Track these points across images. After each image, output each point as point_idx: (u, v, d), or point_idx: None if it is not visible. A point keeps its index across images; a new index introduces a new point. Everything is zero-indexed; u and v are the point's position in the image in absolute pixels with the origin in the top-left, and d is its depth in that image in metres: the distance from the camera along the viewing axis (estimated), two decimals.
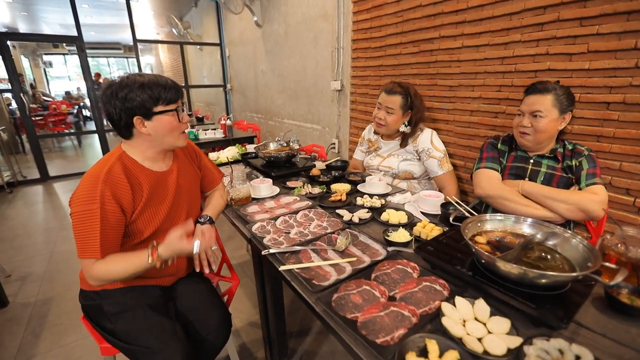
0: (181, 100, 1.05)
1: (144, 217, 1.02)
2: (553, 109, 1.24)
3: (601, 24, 1.34)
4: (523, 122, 1.29)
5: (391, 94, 1.70)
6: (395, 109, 1.69)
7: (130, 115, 0.96)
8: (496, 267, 0.76)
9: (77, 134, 7.63)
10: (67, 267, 2.40)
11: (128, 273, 0.96)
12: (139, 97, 0.94)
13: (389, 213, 1.24)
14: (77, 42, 4.31)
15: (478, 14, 1.72)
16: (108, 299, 1.04)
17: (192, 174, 1.22)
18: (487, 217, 0.93)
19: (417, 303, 0.76)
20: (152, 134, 1.00)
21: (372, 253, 0.98)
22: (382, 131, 1.79)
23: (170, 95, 0.99)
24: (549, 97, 1.24)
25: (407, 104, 1.70)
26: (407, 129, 1.73)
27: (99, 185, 0.91)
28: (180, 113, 1.03)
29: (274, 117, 4.26)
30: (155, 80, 0.98)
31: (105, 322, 1.03)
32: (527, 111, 1.28)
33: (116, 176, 0.95)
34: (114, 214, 0.93)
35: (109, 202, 0.92)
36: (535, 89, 1.28)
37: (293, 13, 3.35)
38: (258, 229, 1.14)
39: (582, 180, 1.23)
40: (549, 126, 1.26)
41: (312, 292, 0.80)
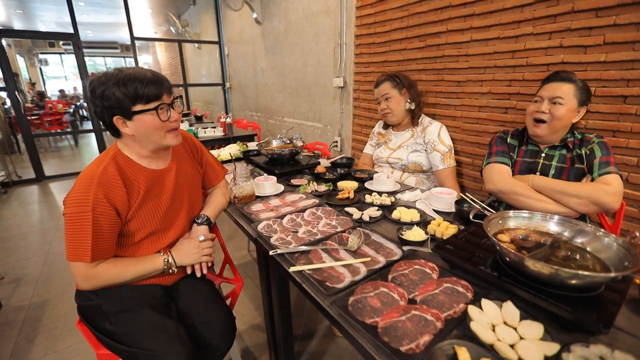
0: (168, 95, 0.94)
1: (140, 215, 0.97)
2: (573, 98, 1.20)
3: (618, 14, 1.29)
4: (541, 107, 1.23)
5: (380, 84, 1.76)
6: (389, 92, 1.72)
7: (110, 115, 0.89)
8: (525, 267, 0.71)
9: (73, 133, 7.53)
10: (63, 269, 2.33)
11: (135, 277, 0.97)
12: (116, 94, 0.86)
13: (400, 211, 1.19)
14: (73, 39, 4.23)
15: (487, 7, 1.67)
16: (107, 298, 0.98)
17: (192, 171, 1.17)
18: (510, 214, 0.87)
19: (439, 306, 0.71)
20: (136, 135, 0.92)
21: (386, 253, 0.92)
22: (393, 120, 1.78)
23: (149, 91, 0.88)
24: (570, 86, 1.21)
25: (399, 84, 1.73)
26: (412, 105, 1.75)
27: (92, 187, 0.86)
28: (161, 112, 0.91)
29: (274, 116, 4.20)
30: (132, 75, 0.87)
31: (105, 322, 0.96)
32: (548, 97, 1.23)
33: (110, 177, 0.90)
34: (107, 217, 0.89)
35: (102, 205, 0.87)
36: (558, 76, 1.24)
37: (294, 9, 3.30)
38: (264, 228, 1.08)
39: (594, 170, 1.18)
40: (567, 115, 1.21)
41: (326, 295, 0.75)
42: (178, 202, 1.07)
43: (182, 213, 1.09)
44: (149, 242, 1.01)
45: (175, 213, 1.07)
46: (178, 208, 1.07)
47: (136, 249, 1.00)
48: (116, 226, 0.92)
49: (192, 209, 1.14)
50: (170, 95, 0.95)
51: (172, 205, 1.05)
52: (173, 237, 1.06)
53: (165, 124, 0.93)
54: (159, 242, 1.03)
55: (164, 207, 1.02)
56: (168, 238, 1.04)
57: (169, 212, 1.04)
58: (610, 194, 1.12)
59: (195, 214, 1.17)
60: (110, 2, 6.12)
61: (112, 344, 0.94)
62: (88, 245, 0.86)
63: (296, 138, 2.02)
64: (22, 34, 7.01)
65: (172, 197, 1.04)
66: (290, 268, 0.84)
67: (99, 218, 0.87)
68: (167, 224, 1.04)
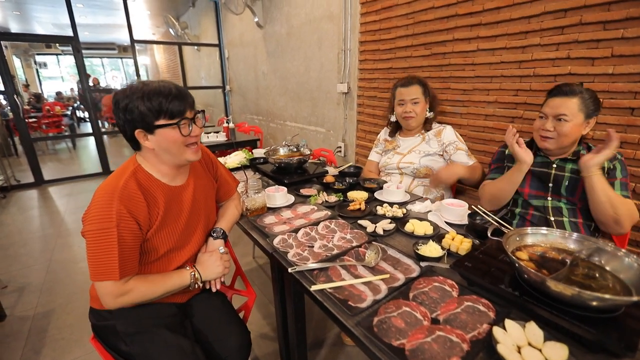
0: (191, 110, 0.93)
1: (160, 234, 0.96)
2: (579, 113, 1.17)
3: (626, 27, 1.31)
4: (546, 125, 1.22)
5: (410, 85, 1.74)
6: (419, 98, 1.73)
7: (132, 128, 0.89)
8: (546, 287, 0.72)
9: (72, 137, 7.46)
10: (67, 277, 2.32)
11: (165, 292, 0.96)
12: (139, 108, 0.86)
13: (413, 224, 1.19)
14: (73, 42, 4.20)
15: (494, 17, 1.69)
16: (122, 319, 0.97)
17: (208, 186, 1.16)
18: (528, 231, 0.88)
19: (463, 326, 0.71)
20: (156, 149, 0.92)
21: (404, 269, 0.93)
22: (413, 125, 1.79)
23: (174, 107, 0.87)
24: (574, 100, 1.17)
25: (426, 91, 1.75)
26: (431, 115, 1.79)
27: (114, 202, 0.85)
28: (183, 126, 0.90)
29: (276, 120, 4.20)
30: (157, 89, 0.87)
31: (120, 344, 0.96)
32: (551, 114, 1.21)
33: (132, 191, 0.89)
34: (131, 232, 0.87)
35: (126, 219, 0.86)
36: (561, 91, 1.21)
37: (296, 14, 3.30)
38: (279, 243, 1.08)
39: (615, 188, 1.15)
40: (573, 130, 1.19)
41: (350, 315, 0.75)
42: (195, 218, 1.07)
43: (199, 228, 1.09)
44: (167, 260, 1.00)
45: (192, 229, 1.06)
46: (195, 224, 1.07)
47: (155, 267, 0.99)
48: (138, 240, 0.91)
49: (207, 223, 1.14)
50: (192, 110, 0.94)
51: (190, 222, 1.05)
52: (190, 252, 1.05)
53: (186, 138, 0.92)
54: (177, 258, 1.02)
55: (182, 224, 1.01)
56: (186, 254, 1.04)
57: (187, 228, 1.04)
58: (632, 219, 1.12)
59: (210, 227, 1.16)
60: (108, 4, 6.07)
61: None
62: (115, 263, 0.83)
63: (303, 146, 2.03)
64: (21, 38, 6.94)
65: (189, 213, 1.04)
66: (311, 287, 0.84)
67: (124, 233, 0.85)
68: (184, 241, 1.03)
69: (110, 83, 12.85)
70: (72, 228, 3.12)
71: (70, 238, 2.92)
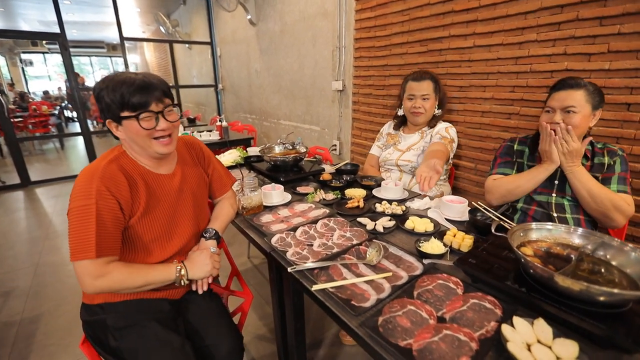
0: (157, 103, 0.89)
1: (144, 220, 0.94)
2: (586, 104, 1.16)
3: (623, 23, 1.31)
4: (555, 118, 1.20)
5: (422, 80, 1.71)
6: (430, 94, 1.71)
7: (104, 118, 0.90)
8: (553, 283, 0.70)
9: (60, 137, 7.29)
10: (55, 281, 2.24)
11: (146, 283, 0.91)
12: (105, 99, 0.86)
13: (413, 221, 1.17)
14: (60, 39, 4.08)
15: (491, 13, 1.68)
16: (112, 313, 0.94)
17: (197, 178, 1.13)
18: (533, 226, 0.87)
19: (470, 324, 0.69)
20: (126, 139, 0.92)
21: (407, 267, 0.91)
22: (421, 121, 1.76)
23: (135, 99, 0.85)
24: (580, 92, 1.16)
25: (437, 88, 1.73)
26: (439, 112, 1.76)
27: (95, 180, 0.85)
28: (143, 120, 0.87)
29: (269, 118, 4.15)
30: (123, 80, 0.86)
31: (109, 339, 0.92)
32: (559, 107, 1.18)
33: (113, 172, 0.89)
34: (111, 210, 0.85)
35: (106, 197, 0.85)
36: (566, 84, 1.19)
37: (290, 11, 3.26)
38: (278, 242, 1.05)
39: (612, 182, 1.16)
40: (583, 122, 1.17)
41: (354, 315, 0.72)
42: (183, 209, 1.04)
43: (187, 220, 1.06)
44: (152, 250, 0.97)
45: (179, 220, 1.03)
46: (182, 215, 1.04)
47: (140, 257, 0.97)
48: (120, 223, 0.88)
49: (197, 218, 1.10)
50: (160, 103, 0.90)
51: (177, 212, 1.02)
52: (177, 245, 1.02)
53: (150, 131, 0.89)
54: (163, 250, 0.99)
55: (167, 213, 0.99)
56: (172, 246, 1.01)
57: (173, 218, 1.01)
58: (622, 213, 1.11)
59: (201, 223, 1.13)
60: (96, 1, 5.94)
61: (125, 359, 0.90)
62: (92, 240, 0.81)
63: (298, 144, 2.00)
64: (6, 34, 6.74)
65: (176, 203, 1.02)
66: (312, 287, 0.81)
67: (103, 211, 0.84)
68: (170, 231, 1.00)
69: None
70: (60, 230, 3.03)
71: (59, 240, 2.84)
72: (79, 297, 1.00)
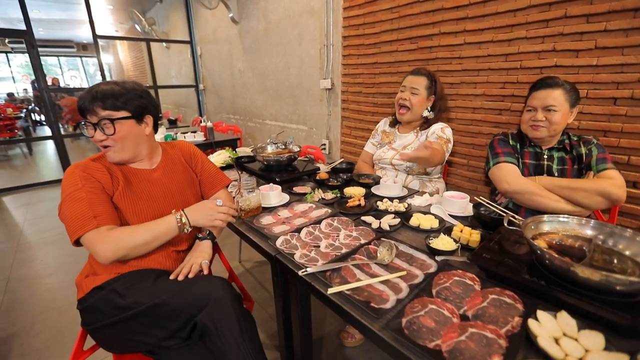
0: (93, 115, 0.96)
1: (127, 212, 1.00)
2: (565, 102, 1.24)
3: (609, 20, 1.36)
4: (537, 116, 1.26)
5: (417, 75, 1.67)
6: (420, 90, 1.64)
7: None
8: (572, 274, 0.70)
9: (28, 141, 6.84)
10: (30, 296, 2.08)
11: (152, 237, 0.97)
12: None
13: (418, 217, 1.16)
14: (26, 37, 3.83)
15: (481, 10, 1.70)
16: (119, 280, 0.97)
17: (183, 175, 1.19)
18: (545, 219, 0.87)
19: (494, 321, 0.68)
20: None
21: (420, 265, 0.89)
22: (406, 117, 1.69)
23: (81, 107, 0.96)
24: (559, 91, 1.24)
25: (432, 87, 1.66)
26: (431, 115, 1.68)
27: (77, 171, 0.96)
28: (84, 128, 0.98)
29: (254, 119, 4.07)
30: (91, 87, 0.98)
31: (117, 299, 0.92)
32: (540, 106, 1.26)
33: (94, 165, 1.00)
34: (98, 188, 0.96)
35: (90, 180, 0.96)
36: (545, 83, 1.27)
37: (274, 9, 3.20)
38: (283, 244, 1.01)
39: (593, 166, 1.23)
40: (562, 119, 1.26)
41: (376, 317, 0.69)
42: (168, 204, 1.08)
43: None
44: None
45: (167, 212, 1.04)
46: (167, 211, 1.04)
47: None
48: (108, 197, 0.98)
49: None
50: (93, 115, 0.96)
51: (161, 207, 1.07)
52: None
53: (93, 139, 0.99)
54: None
55: (149, 206, 1.05)
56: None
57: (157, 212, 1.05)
58: (616, 186, 1.16)
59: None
60: None
61: (131, 314, 0.90)
62: (89, 213, 0.91)
63: (290, 143, 1.95)
64: None
65: (159, 196, 1.08)
66: (328, 290, 0.78)
67: (91, 191, 0.94)
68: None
69: (69, 83, 11.98)
70: (33, 240, 2.83)
71: (32, 252, 2.64)
72: (58, 312, 1.01)
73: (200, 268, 1.02)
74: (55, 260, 2.48)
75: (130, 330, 0.92)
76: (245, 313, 0.94)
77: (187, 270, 0.99)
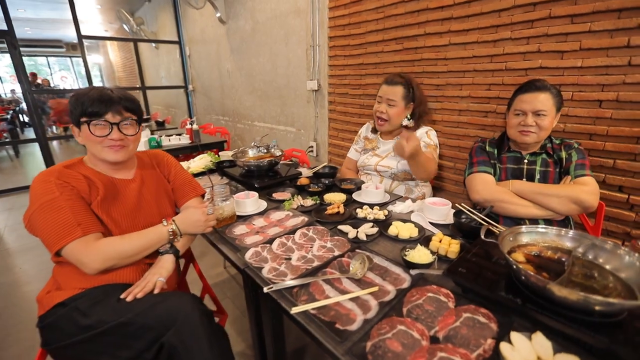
0: (115, 114, 0.98)
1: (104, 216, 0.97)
2: (553, 107, 1.22)
3: (593, 21, 1.32)
4: (527, 121, 1.23)
5: (392, 84, 1.59)
6: (397, 101, 1.57)
7: (70, 123, 1.01)
8: (548, 292, 0.66)
9: (13, 143, 6.72)
10: (8, 305, 2.01)
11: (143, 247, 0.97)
12: (71, 105, 0.97)
13: (397, 226, 1.12)
14: (8, 37, 3.73)
15: (465, 11, 1.66)
16: (82, 298, 0.91)
17: (157, 184, 1.17)
18: (523, 230, 0.83)
19: (465, 343, 0.64)
20: (85, 144, 1.00)
21: (393, 279, 0.84)
22: (384, 128, 1.64)
23: (93, 109, 0.95)
24: (547, 94, 1.21)
25: (409, 95, 1.59)
26: (410, 123, 1.61)
27: (52, 179, 0.91)
28: (95, 127, 0.96)
29: (243, 120, 4.01)
30: (87, 92, 0.97)
31: (80, 319, 0.86)
32: (530, 110, 1.23)
33: (70, 173, 0.96)
34: (76, 196, 0.92)
35: (67, 187, 0.92)
36: (534, 86, 1.24)
37: (261, 9, 3.15)
38: (252, 257, 0.96)
39: (571, 171, 1.22)
40: (550, 124, 1.24)
41: (339, 341, 0.65)
42: (146, 212, 1.08)
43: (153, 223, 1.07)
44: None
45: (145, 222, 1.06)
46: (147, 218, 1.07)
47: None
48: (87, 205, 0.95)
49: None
50: (117, 115, 0.98)
51: (139, 218, 1.06)
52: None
53: (101, 139, 0.97)
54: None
55: (129, 217, 1.03)
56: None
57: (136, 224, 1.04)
58: (588, 192, 1.16)
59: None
60: None
61: (94, 333, 0.84)
62: (72, 221, 0.87)
63: (273, 146, 1.90)
64: None
65: (137, 208, 1.06)
66: (292, 309, 0.73)
67: (70, 199, 0.90)
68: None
69: (58, 84, 11.79)
70: (12, 247, 2.75)
71: (11, 259, 2.56)
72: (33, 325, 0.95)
73: (152, 287, 0.93)
74: (34, 269, 2.41)
75: (94, 350, 0.87)
76: (216, 329, 0.90)
77: (137, 290, 0.91)
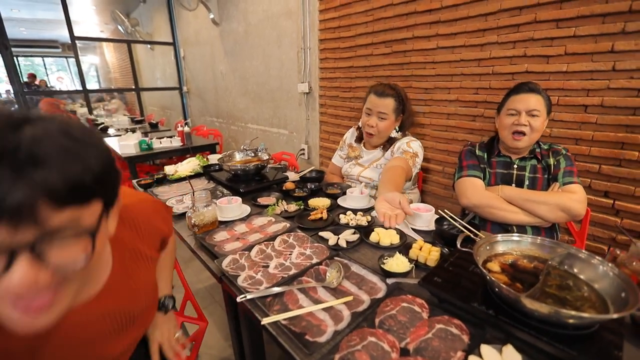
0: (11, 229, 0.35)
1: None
2: (544, 109, 1.22)
3: (578, 25, 1.32)
4: (520, 120, 1.21)
5: (383, 96, 1.52)
6: (388, 114, 1.53)
7: None
8: (520, 304, 0.65)
9: None
10: None
11: None
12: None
13: (378, 233, 1.10)
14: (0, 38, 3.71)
15: (453, 14, 1.66)
16: None
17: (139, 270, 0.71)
18: (499, 238, 0.82)
19: (435, 356, 0.62)
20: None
21: (369, 288, 0.83)
22: (374, 141, 1.62)
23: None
24: (539, 96, 1.21)
25: (400, 108, 1.55)
26: (399, 135, 1.59)
27: None
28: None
29: (237, 122, 4.00)
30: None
31: None
32: (524, 109, 1.21)
33: None
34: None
35: None
36: (527, 88, 1.23)
37: (253, 11, 3.14)
38: (229, 265, 0.94)
39: (559, 178, 1.22)
40: (542, 126, 1.23)
41: (307, 353, 0.63)
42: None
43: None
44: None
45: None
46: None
47: None
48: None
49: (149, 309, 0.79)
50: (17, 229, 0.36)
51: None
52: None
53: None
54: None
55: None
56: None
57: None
58: (577, 201, 1.16)
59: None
60: None
61: None
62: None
63: (261, 150, 1.88)
64: None
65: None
66: (263, 319, 0.72)
67: None
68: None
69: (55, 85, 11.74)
70: None
71: None
72: None
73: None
74: None
75: None
76: None
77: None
